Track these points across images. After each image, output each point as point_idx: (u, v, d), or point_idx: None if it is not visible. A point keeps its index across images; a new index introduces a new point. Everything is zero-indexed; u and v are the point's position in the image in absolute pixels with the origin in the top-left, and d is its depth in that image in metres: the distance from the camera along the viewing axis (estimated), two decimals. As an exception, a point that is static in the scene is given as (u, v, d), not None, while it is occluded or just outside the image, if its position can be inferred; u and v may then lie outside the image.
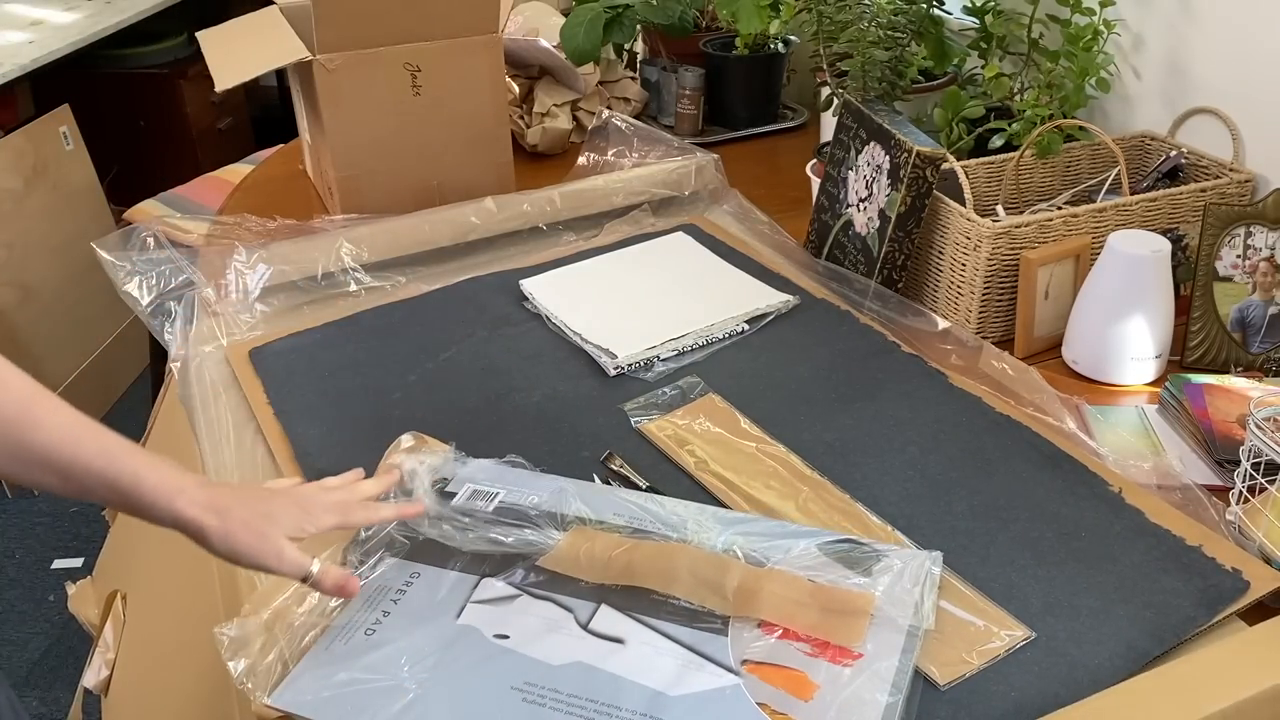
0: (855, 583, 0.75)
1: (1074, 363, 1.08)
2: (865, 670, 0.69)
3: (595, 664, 0.71)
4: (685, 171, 1.42)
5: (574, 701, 0.69)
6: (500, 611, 0.76)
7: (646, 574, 0.78)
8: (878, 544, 0.79)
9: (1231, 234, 1.08)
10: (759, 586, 0.75)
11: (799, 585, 0.76)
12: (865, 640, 0.71)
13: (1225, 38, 1.23)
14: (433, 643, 0.74)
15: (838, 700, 0.67)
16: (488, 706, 0.69)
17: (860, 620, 0.72)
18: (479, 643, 0.74)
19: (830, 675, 0.69)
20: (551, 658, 0.72)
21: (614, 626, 0.74)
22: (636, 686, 0.69)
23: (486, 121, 1.41)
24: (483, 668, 0.72)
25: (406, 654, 0.73)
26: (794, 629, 0.73)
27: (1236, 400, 0.97)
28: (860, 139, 1.23)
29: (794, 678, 0.69)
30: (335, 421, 1.00)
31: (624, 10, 1.63)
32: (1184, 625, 0.74)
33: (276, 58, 1.32)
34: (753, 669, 0.70)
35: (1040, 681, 0.71)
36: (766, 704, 0.68)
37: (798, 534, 0.81)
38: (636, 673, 0.70)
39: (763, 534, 0.80)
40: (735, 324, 1.13)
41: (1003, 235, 1.08)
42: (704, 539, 0.80)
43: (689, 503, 0.85)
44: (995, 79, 1.34)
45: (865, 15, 1.35)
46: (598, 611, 0.75)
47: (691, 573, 0.77)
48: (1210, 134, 1.25)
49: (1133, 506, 0.85)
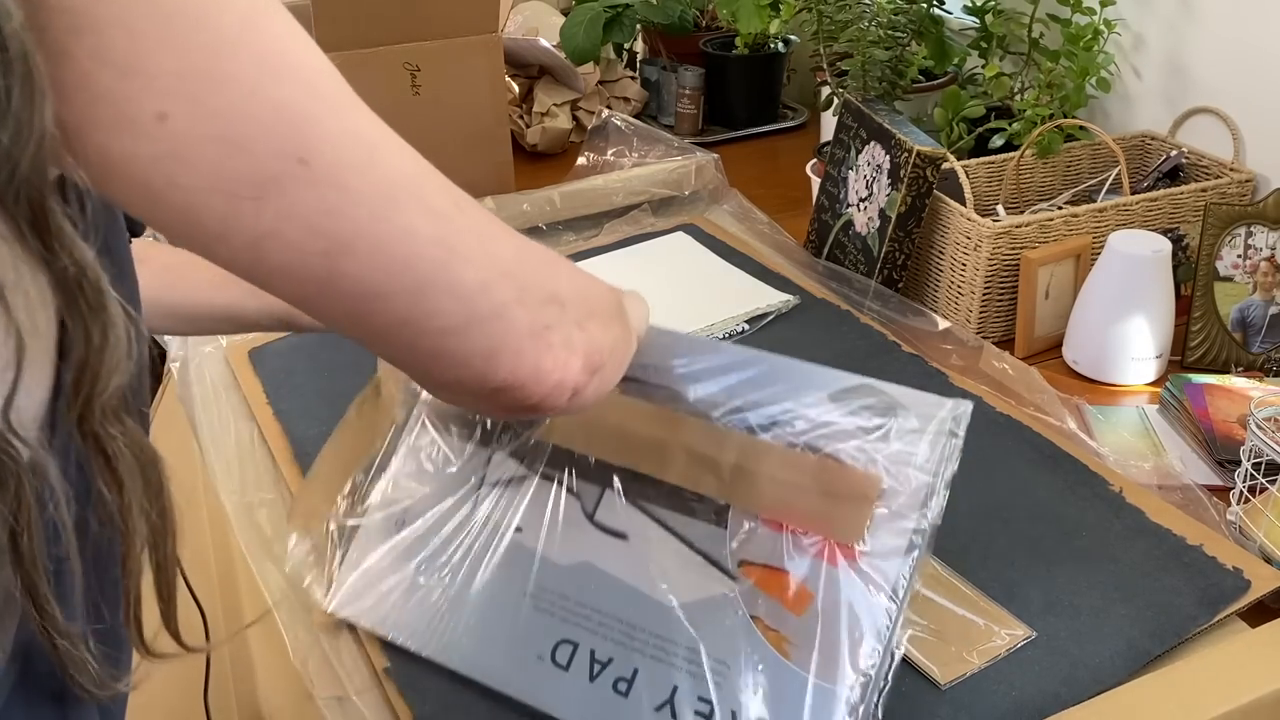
0: (862, 452, 0.65)
1: (1074, 363, 1.08)
2: (862, 574, 0.63)
3: (603, 566, 0.70)
4: (685, 171, 1.42)
5: (580, 612, 0.69)
6: (512, 497, 0.75)
7: (641, 452, 0.72)
8: (898, 391, 0.67)
9: (1232, 234, 1.08)
10: (756, 467, 0.67)
11: (799, 464, 0.66)
12: (866, 535, 0.63)
13: (1225, 38, 1.23)
14: (459, 537, 0.74)
15: (829, 612, 0.63)
16: (505, 615, 0.70)
17: (863, 509, 0.64)
18: (499, 540, 0.74)
19: (828, 581, 0.63)
20: (561, 557, 0.71)
21: (618, 518, 0.71)
22: (640, 596, 0.68)
23: (486, 121, 1.41)
24: (502, 571, 0.72)
25: (438, 551, 0.74)
26: (792, 521, 0.66)
27: (1237, 400, 0.97)
28: (860, 139, 1.23)
29: (788, 585, 0.64)
30: (334, 421, 0.99)
31: (624, 10, 1.63)
32: (1185, 624, 0.74)
33: (276, 57, 1.32)
34: (749, 571, 0.65)
35: (1041, 681, 0.70)
36: (760, 618, 0.64)
37: (808, 381, 0.68)
38: (642, 578, 0.68)
39: (766, 381, 0.69)
40: (735, 324, 1.13)
41: (1003, 235, 1.08)
42: (702, 392, 0.69)
43: (693, 340, 0.73)
44: (995, 79, 1.34)
45: (865, 15, 1.34)
46: (603, 499, 0.72)
47: (686, 449, 0.69)
48: (1210, 134, 1.25)
49: (1133, 506, 0.85)
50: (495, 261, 0.45)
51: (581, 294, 0.50)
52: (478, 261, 0.44)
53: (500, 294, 0.44)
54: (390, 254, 0.41)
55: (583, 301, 0.50)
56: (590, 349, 0.49)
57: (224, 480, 0.93)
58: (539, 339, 0.46)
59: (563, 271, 0.49)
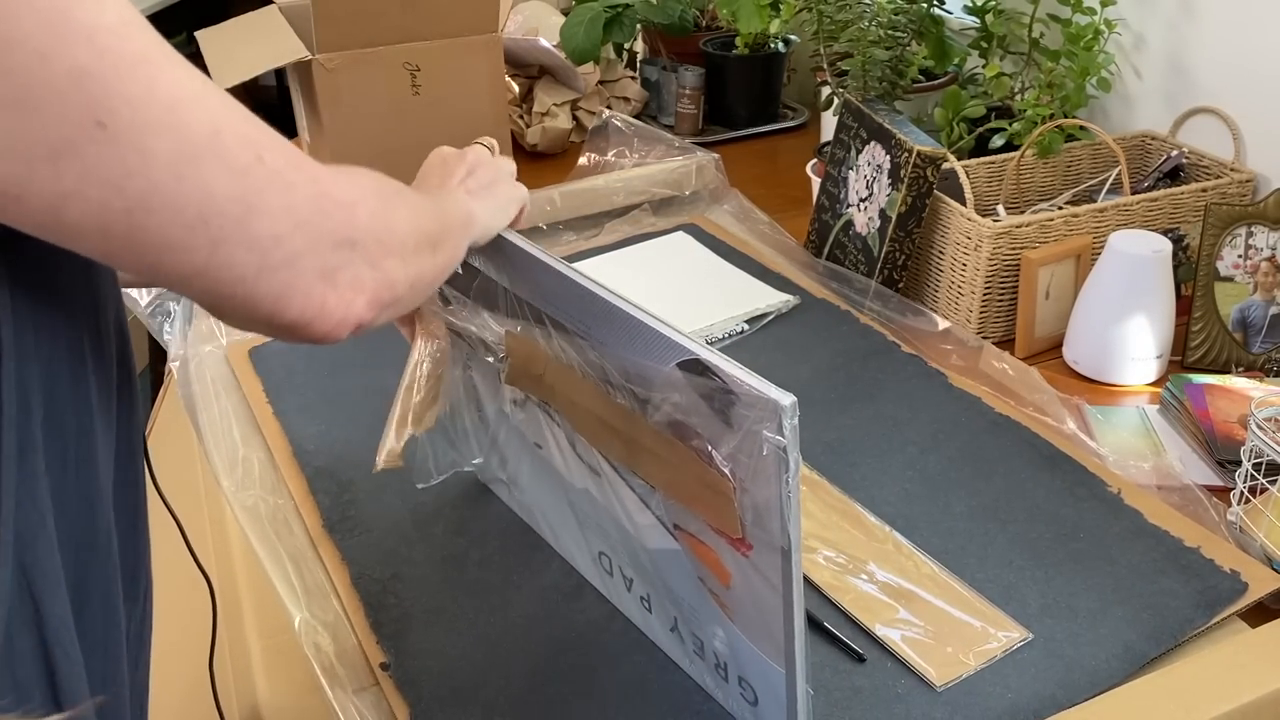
0: (713, 446, 0.58)
1: (1075, 363, 1.08)
2: (757, 567, 0.58)
3: (597, 496, 0.71)
4: (685, 171, 1.42)
5: (602, 530, 0.72)
6: (524, 416, 0.77)
7: (566, 408, 0.70)
8: (734, 374, 0.54)
9: (1232, 234, 1.08)
10: (642, 441, 0.63)
11: (673, 447, 0.60)
12: (745, 533, 0.58)
13: (1225, 38, 1.22)
14: (507, 439, 0.80)
15: (749, 594, 0.59)
16: (562, 513, 0.74)
17: (729, 505, 0.58)
18: (530, 451, 0.78)
19: (737, 565, 0.60)
20: (571, 478, 0.73)
21: (590, 454, 0.69)
22: (627, 533, 0.69)
23: (486, 121, 1.41)
24: (542, 476, 0.77)
25: (491, 450, 0.81)
26: (683, 503, 0.62)
27: (1237, 400, 0.96)
28: (861, 139, 1.22)
29: (713, 558, 0.62)
30: (334, 420, 1.00)
31: (624, 10, 1.63)
32: (1182, 626, 0.74)
33: (276, 57, 1.32)
34: (683, 537, 0.63)
35: (1037, 683, 0.70)
36: (703, 579, 0.64)
37: (654, 346, 0.60)
38: (623, 516, 0.68)
39: (628, 338, 0.62)
40: (735, 324, 1.13)
41: (1003, 235, 1.08)
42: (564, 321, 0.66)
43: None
44: (996, 78, 1.34)
45: (865, 15, 1.34)
46: (575, 435, 0.71)
47: (594, 413, 0.66)
48: (1211, 134, 1.25)
49: (1131, 507, 0.85)
50: (291, 213, 0.46)
51: (380, 233, 0.52)
52: (274, 214, 0.45)
53: (292, 244, 0.46)
54: (189, 212, 0.43)
55: (379, 242, 0.51)
56: (380, 285, 0.51)
57: (225, 480, 0.93)
58: (326, 280, 0.48)
59: (361, 212, 0.50)
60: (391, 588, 0.80)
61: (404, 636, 0.76)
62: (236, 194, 0.44)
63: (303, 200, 0.47)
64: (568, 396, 0.69)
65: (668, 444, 0.61)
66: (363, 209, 0.51)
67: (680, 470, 0.61)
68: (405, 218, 0.55)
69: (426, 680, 0.72)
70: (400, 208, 0.55)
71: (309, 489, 0.91)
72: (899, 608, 0.77)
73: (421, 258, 0.57)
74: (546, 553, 0.83)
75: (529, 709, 0.70)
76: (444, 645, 0.75)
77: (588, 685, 0.72)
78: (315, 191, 0.48)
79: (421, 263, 0.57)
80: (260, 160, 0.45)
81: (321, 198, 0.48)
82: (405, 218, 0.55)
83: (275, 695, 0.80)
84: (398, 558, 0.83)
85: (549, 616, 0.77)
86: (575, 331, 0.65)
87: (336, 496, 0.90)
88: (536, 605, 0.78)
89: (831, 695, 0.70)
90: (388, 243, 0.52)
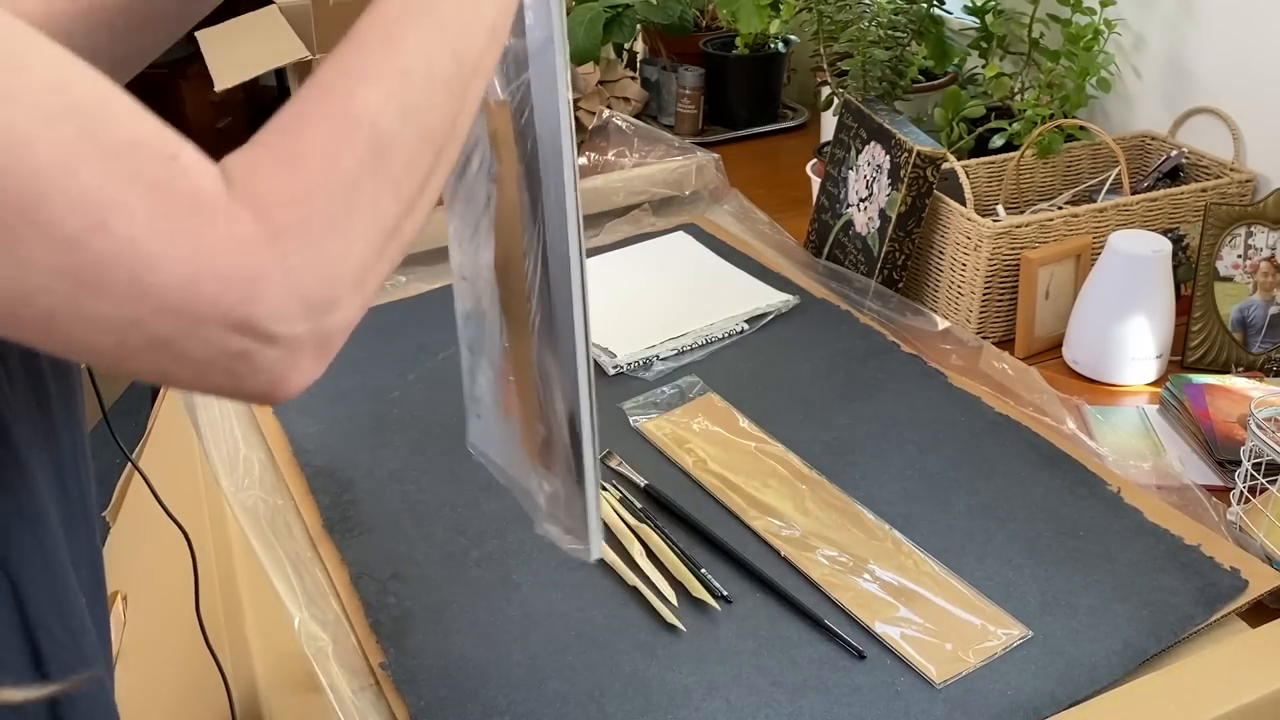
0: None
1: (1074, 363, 1.08)
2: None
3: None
4: (685, 171, 1.42)
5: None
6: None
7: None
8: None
9: (1232, 234, 1.08)
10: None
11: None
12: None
13: (1225, 38, 1.23)
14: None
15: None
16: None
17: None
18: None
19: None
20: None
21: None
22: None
23: (487, 121, 1.41)
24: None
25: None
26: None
27: (1237, 400, 0.96)
28: (860, 139, 1.23)
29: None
30: (334, 420, 1.00)
31: (624, 10, 1.63)
32: (1182, 624, 0.74)
33: (276, 58, 1.32)
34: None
35: (1037, 680, 0.70)
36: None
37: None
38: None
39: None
40: (735, 323, 1.13)
41: (1003, 235, 1.08)
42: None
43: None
44: (996, 79, 1.34)
45: (865, 15, 1.34)
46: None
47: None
48: (1211, 134, 1.25)
49: (1131, 506, 0.85)
50: (144, 298, 0.37)
51: (311, 292, 0.40)
52: (117, 296, 0.37)
53: (155, 329, 0.38)
54: (6, 288, 0.36)
55: (308, 305, 0.40)
56: (320, 343, 0.41)
57: (224, 480, 0.93)
58: (228, 364, 0.39)
59: (265, 289, 0.39)
60: (391, 587, 0.80)
61: (404, 636, 0.76)
62: (63, 267, 0.36)
63: (166, 282, 0.37)
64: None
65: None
66: (272, 283, 0.39)
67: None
68: (374, 219, 0.42)
69: (426, 679, 0.72)
70: (367, 203, 0.42)
71: (309, 488, 0.91)
72: (899, 606, 0.77)
73: (415, 215, 0.45)
74: (547, 551, 0.83)
75: (529, 708, 0.70)
76: (444, 644, 0.75)
77: (588, 684, 0.72)
78: (188, 273, 0.37)
79: (415, 219, 0.45)
80: (102, 226, 0.36)
81: (197, 281, 0.37)
82: (374, 219, 0.42)
83: (275, 694, 0.80)
84: (397, 557, 0.83)
85: (549, 615, 0.77)
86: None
87: (336, 496, 0.90)
88: (536, 604, 0.78)
89: (831, 692, 0.70)
90: (322, 297, 0.41)
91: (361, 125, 0.42)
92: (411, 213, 0.44)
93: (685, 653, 0.74)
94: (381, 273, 0.44)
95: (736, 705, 0.70)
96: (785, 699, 0.70)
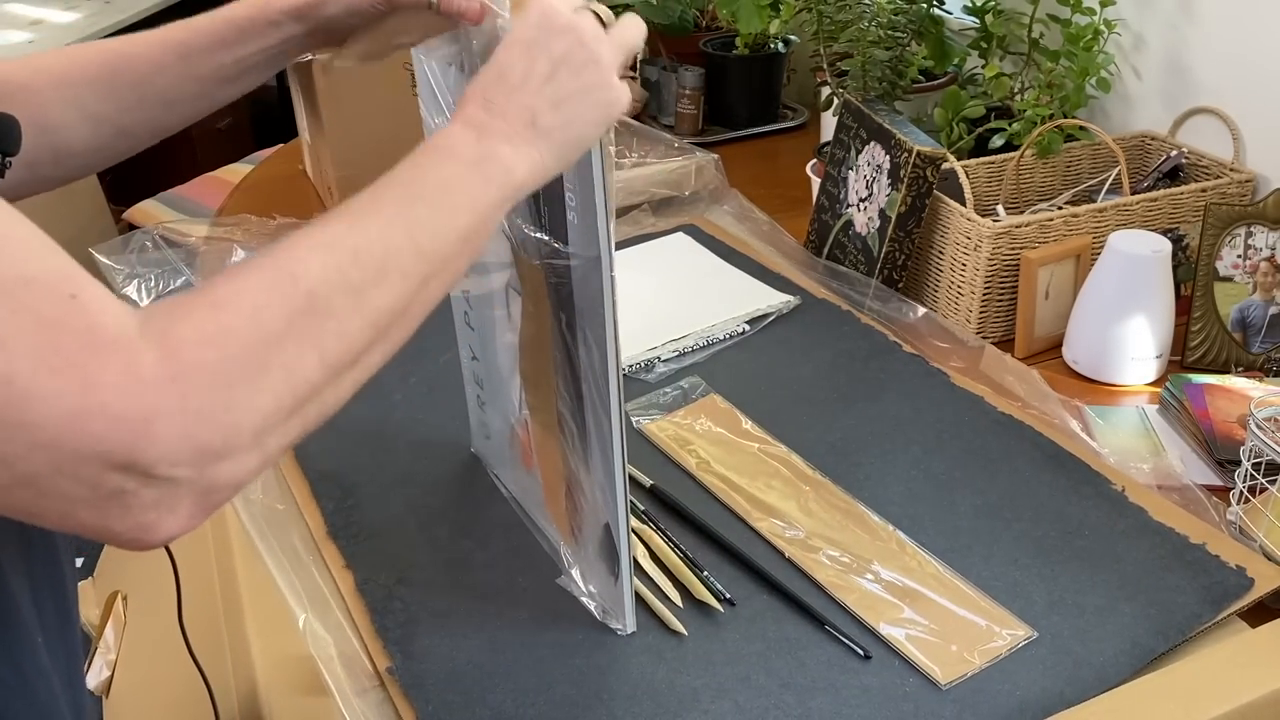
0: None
1: (1074, 363, 1.08)
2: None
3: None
4: (685, 171, 1.42)
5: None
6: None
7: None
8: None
9: (1232, 234, 1.08)
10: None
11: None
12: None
13: (1225, 38, 1.23)
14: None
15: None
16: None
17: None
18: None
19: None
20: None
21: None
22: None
23: (486, 122, 1.41)
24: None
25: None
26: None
27: (1237, 400, 0.97)
28: (860, 139, 1.23)
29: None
30: (334, 422, 0.99)
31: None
32: (1189, 622, 0.74)
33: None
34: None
35: (1044, 680, 0.71)
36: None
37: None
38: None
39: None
40: (736, 324, 1.13)
41: (1003, 235, 1.08)
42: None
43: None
44: (995, 79, 1.34)
45: (865, 15, 1.35)
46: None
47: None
48: (1210, 134, 1.25)
49: (1136, 505, 0.85)
50: (23, 430, 0.36)
51: (204, 437, 0.39)
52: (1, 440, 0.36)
53: (28, 465, 0.37)
54: None
55: (200, 451, 0.39)
56: (203, 494, 0.40)
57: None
58: (103, 505, 0.38)
59: (161, 429, 0.38)
60: (396, 592, 0.80)
61: (410, 640, 0.76)
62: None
63: (45, 417, 0.36)
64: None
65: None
66: (166, 423, 0.38)
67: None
68: (290, 377, 0.42)
69: (434, 684, 0.72)
70: (295, 353, 0.42)
71: (312, 493, 0.91)
72: (904, 607, 0.77)
73: (342, 385, 0.46)
74: (551, 554, 0.83)
75: (538, 712, 0.70)
76: (451, 649, 0.75)
77: (596, 687, 0.72)
78: (71, 409, 0.37)
79: (341, 389, 0.46)
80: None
81: (81, 417, 0.37)
82: (290, 377, 0.42)
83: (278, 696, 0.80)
84: (402, 561, 0.83)
85: (556, 619, 0.77)
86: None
87: (340, 501, 0.90)
88: (543, 607, 0.78)
89: (839, 694, 0.70)
90: (216, 444, 0.39)
91: (298, 284, 0.43)
92: (336, 382, 0.45)
93: (693, 655, 0.74)
94: (289, 434, 0.43)
95: (745, 707, 0.70)
96: (794, 701, 0.70)
